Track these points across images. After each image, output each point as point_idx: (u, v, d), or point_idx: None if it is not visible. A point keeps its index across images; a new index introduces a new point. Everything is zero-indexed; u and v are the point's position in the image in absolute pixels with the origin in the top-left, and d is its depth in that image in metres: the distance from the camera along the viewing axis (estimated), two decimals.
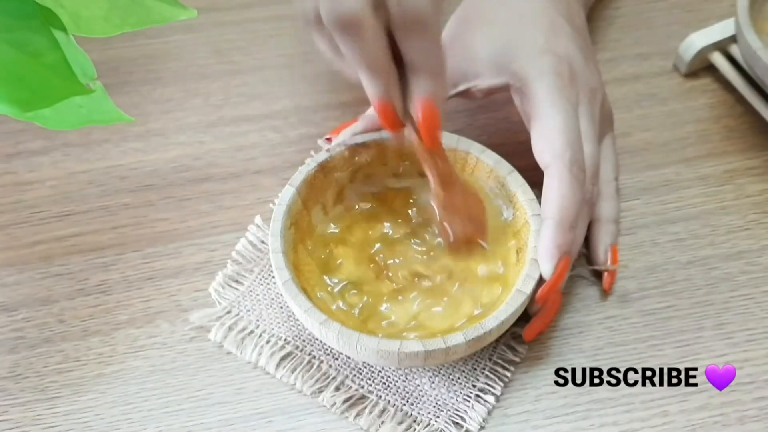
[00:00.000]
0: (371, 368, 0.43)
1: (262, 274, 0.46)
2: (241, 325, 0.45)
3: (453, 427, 0.41)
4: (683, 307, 0.45)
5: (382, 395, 0.42)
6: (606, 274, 0.45)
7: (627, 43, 0.57)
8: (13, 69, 0.35)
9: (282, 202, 0.42)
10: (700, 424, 0.41)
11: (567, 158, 0.41)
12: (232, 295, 0.46)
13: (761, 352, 0.44)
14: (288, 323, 0.45)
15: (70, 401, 0.43)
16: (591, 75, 0.46)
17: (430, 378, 0.43)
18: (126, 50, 0.57)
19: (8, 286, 0.46)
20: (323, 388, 0.43)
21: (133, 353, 0.44)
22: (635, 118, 0.53)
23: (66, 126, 0.39)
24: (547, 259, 0.40)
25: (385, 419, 0.42)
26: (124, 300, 0.46)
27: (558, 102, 0.42)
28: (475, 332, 0.38)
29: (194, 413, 0.42)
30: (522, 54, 0.44)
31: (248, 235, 0.48)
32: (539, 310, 0.42)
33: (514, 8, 0.47)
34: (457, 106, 0.53)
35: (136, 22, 0.40)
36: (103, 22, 0.40)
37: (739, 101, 0.54)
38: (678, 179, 0.50)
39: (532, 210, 0.42)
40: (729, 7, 0.57)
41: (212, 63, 0.57)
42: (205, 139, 0.53)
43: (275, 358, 0.43)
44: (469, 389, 0.43)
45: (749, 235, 0.48)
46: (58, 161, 0.51)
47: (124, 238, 0.48)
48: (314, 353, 0.44)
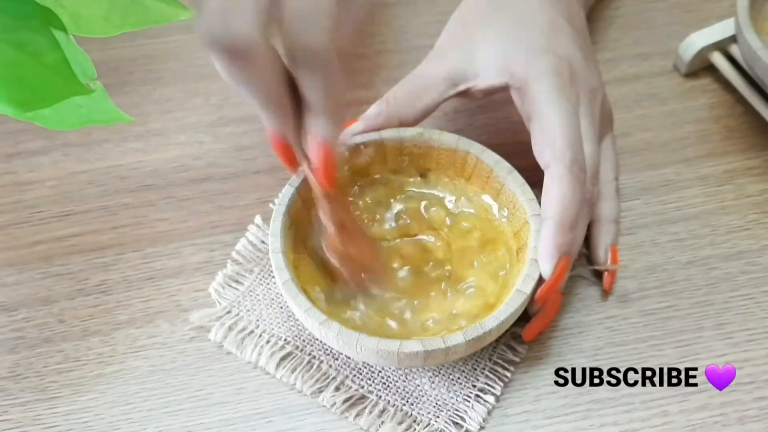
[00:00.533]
0: (371, 368, 0.43)
1: (262, 274, 0.46)
2: (241, 325, 0.45)
3: (453, 427, 0.41)
4: (683, 307, 0.45)
5: (382, 395, 0.42)
6: (606, 274, 0.45)
7: (627, 43, 0.57)
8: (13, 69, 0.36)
9: (282, 202, 0.42)
10: (700, 424, 0.41)
11: (567, 158, 0.41)
12: (232, 295, 0.46)
13: (761, 352, 0.44)
14: (288, 323, 0.45)
15: (70, 401, 0.43)
16: (591, 75, 0.46)
17: (430, 378, 0.43)
18: (126, 50, 0.57)
19: (8, 286, 0.46)
20: (323, 388, 0.43)
21: (133, 353, 0.44)
22: (635, 118, 0.53)
23: (66, 126, 0.39)
24: (546, 259, 0.40)
25: (385, 419, 0.42)
26: (124, 300, 0.46)
27: (558, 102, 0.42)
28: (475, 332, 0.38)
29: (194, 413, 0.42)
30: (522, 54, 0.44)
31: (248, 235, 0.48)
32: (539, 310, 0.42)
33: (513, 8, 0.47)
34: (457, 106, 0.53)
35: (136, 22, 0.40)
36: (103, 22, 0.40)
37: (739, 101, 0.54)
38: (678, 179, 0.50)
39: (532, 210, 0.42)
40: (729, 7, 0.57)
41: (212, 63, 0.56)
42: (205, 139, 0.53)
43: (275, 358, 0.43)
44: (469, 389, 0.43)
45: (749, 235, 0.48)
46: (58, 161, 0.51)
47: (124, 238, 0.48)
48: (314, 353, 0.44)
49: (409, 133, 0.45)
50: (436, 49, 0.48)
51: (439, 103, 0.46)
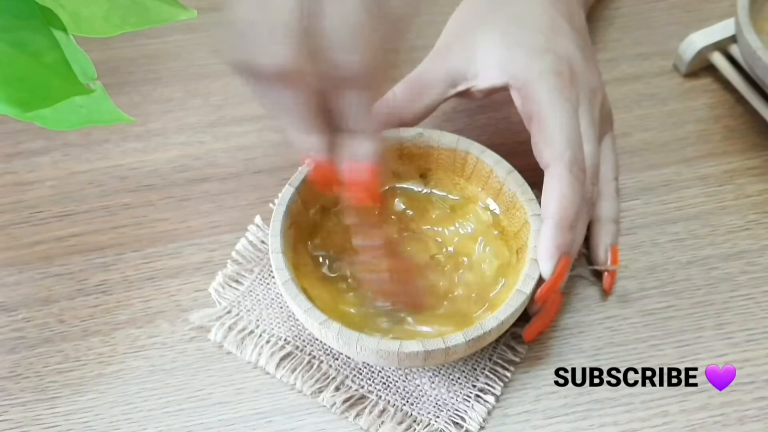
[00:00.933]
0: (371, 368, 0.43)
1: (262, 274, 0.46)
2: (241, 325, 0.45)
3: (453, 427, 0.41)
4: (683, 307, 0.45)
5: (382, 395, 0.42)
6: (606, 274, 0.45)
7: (627, 43, 0.57)
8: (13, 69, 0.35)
9: (282, 202, 0.42)
10: (700, 424, 0.41)
11: (567, 158, 0.41)
12: (232, 295, 0.46)
13: (761, 352, 0.44)
14: (288, 323, 0.45)
15: (70, 401, 0.43)
16: (591, 75, 0.46)
17: (430, 378, 0.43)
18: (126, 50, 0.57)
19: (8, 286, 0.46)
20: (323, 388, 0.43)
21: (133, 353, 0.44)
22: (635, 118, 0.53)
23: (66, 126, 0.39)
24: (546, 259, 0.40)
25: (385, 419, 0.42)
26: (124, 300, 0.46)
27: (558, 102, 0.42)
28: (475, 332, 0.38)
29: (194, 413, 0.42)
30: (521, 54, 0.44)
31: (248, 235, 0.48)
32: (539, 310, 0.42)
33: (513, 8, 0.47)
34: (457, 106, 0.53)
35: (136, 22, 0.40)
36: (103, 22, 0.40)
37: (739, 101, 0.54)
38: (678, 179, 0.50)
39: (532, 210, 0.42)
40: (729, 7, 0.57)
41: (212, 63, 0.57)
42: (205, 139, 0.53)
43: (275, 358, 0.43)
44: (469, 389, 0.43)
45: (749, 235, 0.48)
46: (58, 161, 0.51)
47: (124, 238, 0.48)
48: (314, 353, 0.44)
49: (408, 133, 0.45)
50: (436, 49, 0.48)
51: (439, 102, 0.46)
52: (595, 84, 0.46)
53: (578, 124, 0.43)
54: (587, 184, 0.42)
